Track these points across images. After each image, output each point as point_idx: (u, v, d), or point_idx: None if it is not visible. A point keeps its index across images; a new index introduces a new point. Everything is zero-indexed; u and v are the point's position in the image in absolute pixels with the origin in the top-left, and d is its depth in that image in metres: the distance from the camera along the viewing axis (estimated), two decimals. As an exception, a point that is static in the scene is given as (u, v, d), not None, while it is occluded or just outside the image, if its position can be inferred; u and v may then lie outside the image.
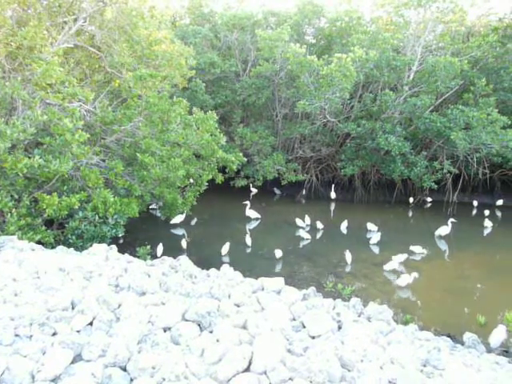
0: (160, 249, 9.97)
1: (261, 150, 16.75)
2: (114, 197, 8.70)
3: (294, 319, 4.40)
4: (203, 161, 11.33)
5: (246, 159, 13.33)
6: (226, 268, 6.23)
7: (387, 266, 9.96)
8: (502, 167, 16.71)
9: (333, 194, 16.83)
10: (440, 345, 4.51)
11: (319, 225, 13.26)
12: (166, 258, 6.99)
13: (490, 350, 6.25)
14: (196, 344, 3.72)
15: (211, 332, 4.01)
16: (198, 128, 10.63)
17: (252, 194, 17.17)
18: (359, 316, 4.87)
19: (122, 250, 8.20)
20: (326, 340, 3.95)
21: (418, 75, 16.20)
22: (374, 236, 12.07)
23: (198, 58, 15.26)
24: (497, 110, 14.65)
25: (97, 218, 8.43)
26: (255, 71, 16.58)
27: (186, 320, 4.17)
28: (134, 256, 8.35)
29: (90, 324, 4.05)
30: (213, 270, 6.29)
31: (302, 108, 14.99)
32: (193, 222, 13.50)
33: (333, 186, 17.08)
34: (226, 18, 17.60)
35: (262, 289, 5.20)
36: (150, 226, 12.80)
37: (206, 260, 9.94)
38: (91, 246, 6.99)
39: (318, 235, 13.01)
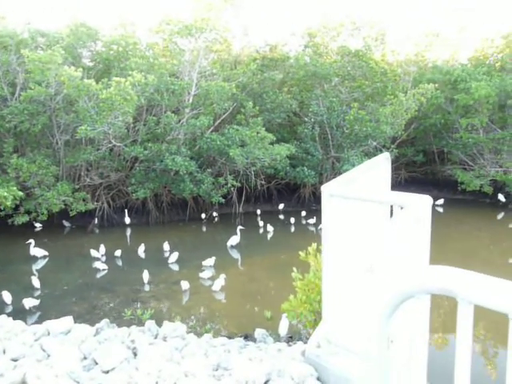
0: None
1: (42, 181, 15.21)
2: None
3: (85, 358, 4.14)
4: (-34, 200, 9.70)
5: (24, 193, 11.97)
6: (1, 320, 5.44)
7: (183, 284, 10.24)
8: (275, 177, 19.20)
9: (127, 219, 16.48)
10: (232, 347, 4.89)
11: (116, 253, 12.85)
12: None
13: (279, 340, 7.08)
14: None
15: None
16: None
17: (37, 230, 15.47)
18: (156, 338, 4.89)
19: None
20: (120, 371, 3.85)
21: (196, 98, 17.36)
22: (172, 255, 12.34)
23: None
24: (264, 129, 16.89)
25: None
26: (26, 95, 15.00)
27: None
28: None
29: None
30: (-15, 326, 5.40)
31: (84, 134, 14.30)
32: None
33: (126, 211, 16.73)
34: (-18, 35, 15.51)
35: (48, 333, 4.73)
36: None
37: (-19, 315, 8.50)
38: None
39: (116, 263, 12.60)
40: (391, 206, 4.32)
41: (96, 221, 16.55)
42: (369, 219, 4.17)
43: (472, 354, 1.77)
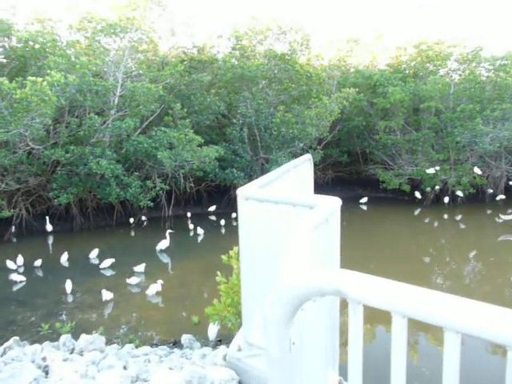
0: None
1: None
2: None
3: (-12, 382, 3.83)
4: None
5: None
6: None
7: (105, 294, 9.82)
8: (205, 180, 19.07)
9: (49, 227, 15.52)
10: (154, 356, 4.77)
11: (36, 263, 12.11)
12: None
13: (208, 344, 7.02)
14: None
15: None
16: None
17: None
18: (71, 353, 4.66)
19: None
20: (28, 393, 3.60)
21: (122, 100, 16.79)
22: (105, 261, 11.90)
23: None
24: (193, 131, 16.73)
25: None
26: None
27: None
28: None
29: None
30: None
31: (-4, 136, 13.30)
32: None
33: (47, 217, 15.77)
34: None
35: None
36: None
37: None
38: None
39: (36, 274, 11.87)
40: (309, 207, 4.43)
41: (13, 229, 15.44)
42: (285, 221, 4.25)
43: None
